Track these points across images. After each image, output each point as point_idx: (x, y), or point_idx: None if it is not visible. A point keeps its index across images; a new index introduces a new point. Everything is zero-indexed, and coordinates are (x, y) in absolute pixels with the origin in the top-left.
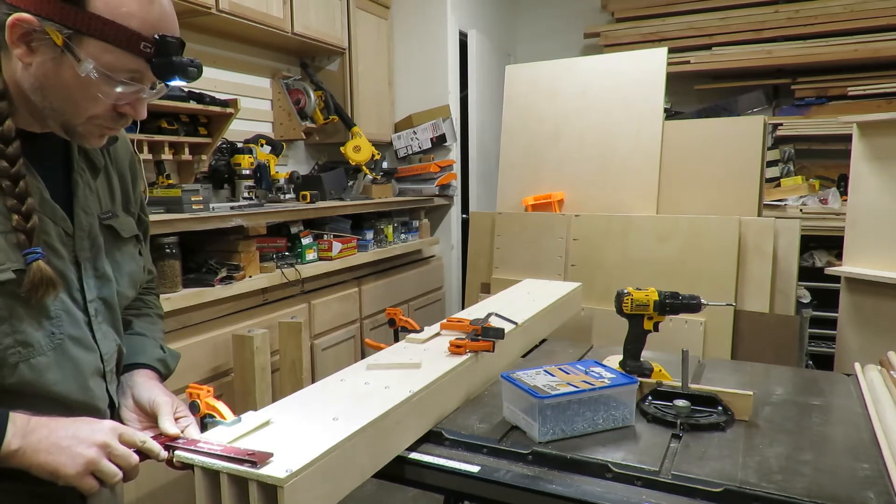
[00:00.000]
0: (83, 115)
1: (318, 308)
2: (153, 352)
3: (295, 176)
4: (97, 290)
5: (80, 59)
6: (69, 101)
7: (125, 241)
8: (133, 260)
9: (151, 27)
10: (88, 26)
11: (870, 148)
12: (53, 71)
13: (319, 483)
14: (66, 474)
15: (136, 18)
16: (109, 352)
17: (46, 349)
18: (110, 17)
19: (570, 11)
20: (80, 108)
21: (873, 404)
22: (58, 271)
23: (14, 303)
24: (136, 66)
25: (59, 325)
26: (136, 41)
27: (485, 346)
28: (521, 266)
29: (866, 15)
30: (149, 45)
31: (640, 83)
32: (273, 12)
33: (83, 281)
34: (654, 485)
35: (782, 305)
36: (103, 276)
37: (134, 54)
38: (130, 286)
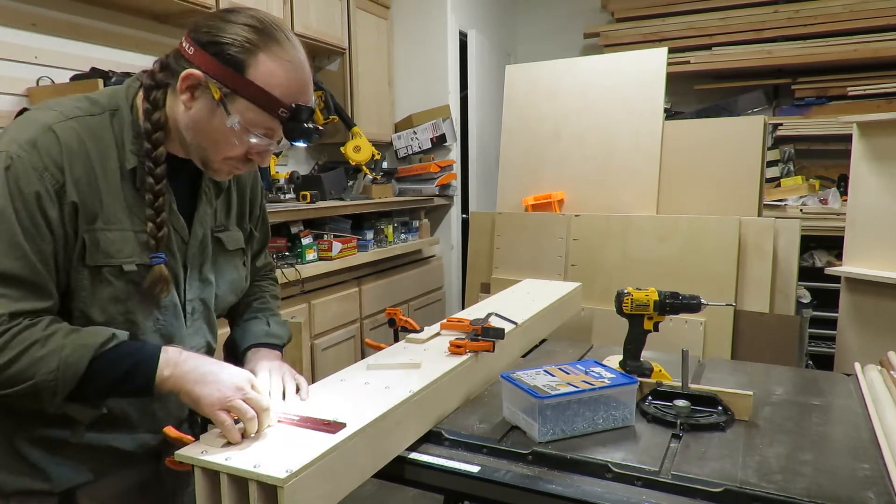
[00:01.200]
0: (220, 155)
1: (318, 308)
2: (259, 330)
3: (295, 176)
4: (198, 292)
5: (229, 112)
6: (212, 142)
7: (230, 252)
8: (235, 270)
9: (291, 97)
10: (242, 89)
11: (870, 148)
12: (206, 117)
13: (319, 483)
14: (206, 404)
15: (280, 88)
16: (196, 346)
17: (148, 332)
18: (261, 84)
19: (570, 11)
20: (219, 150)
21: (873, 404)
22: (171, 271)
23: (133, 289)
24: (272, 126)
25: (165, 314)
26: (277, 106)
27: (485, 346)
28: (521, 266)
29: (866, 15)
30: (286, 111)
31: (640, 83)
32: (273, 12)
33: (186, 282)
34: (654, 485)
35: (782, 305)
36: (206, 280)
37: (272, 116)
38: (231, 292)
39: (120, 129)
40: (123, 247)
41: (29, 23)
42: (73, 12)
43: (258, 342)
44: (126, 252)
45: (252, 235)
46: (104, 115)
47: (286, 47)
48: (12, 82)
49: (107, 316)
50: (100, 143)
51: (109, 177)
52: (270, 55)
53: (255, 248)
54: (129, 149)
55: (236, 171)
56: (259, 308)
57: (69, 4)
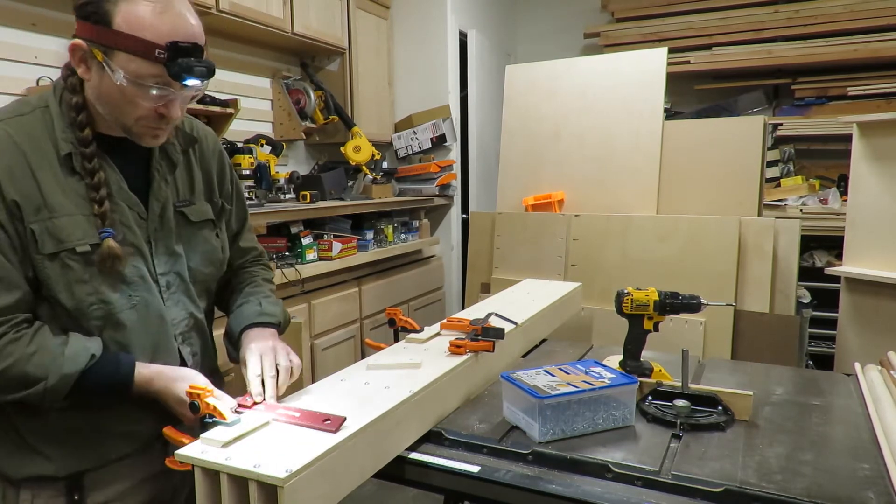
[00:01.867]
0: (130, 117)
1: (318, 308)
2: (250, 312)
3: (295, 176)
4: (169, 266)
5: (113, 69)
6: (116, 106)
7: (196, 224)
8: (206, 241)
9: (164, 35)
10: (114, 41)
11: (870, 148)
12: (101, 82)
13: (319, 483)
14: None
15: (149, 30)
16: (178, 318)
17: (124, 307)
18: (129, 31)
19: (570, 11)
20: (126, 112)
21: (873, 404)
22: (133, 246)
23: (93, 269)
24: (156, 72)
25: (135, 289)
26: (151, 49)
27: (485, 346)
28: (521, 266)
29: (866, 15)
30: (162, 51)
31: (640, 83)
32: (273, 12)
33: (154, 256)
34: (654, 485)
35: (782, 305)
36: (173, 253)
37: (151, 61)
38: (206, 264)
39: (50, 121)
40: (74, 230)
41: (29, 23)
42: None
43: (250, 323)
44: (78, 235)
45: (224, 209)
46: (34, 112)
47: None
48: (12, 82)
49: (77, 299)
50: (32, 138)
51: (46, 168)
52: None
53: (235, 226)
54: (61, 137)
55: (159, 132)
56: (251, 292)
57: (69, 4)
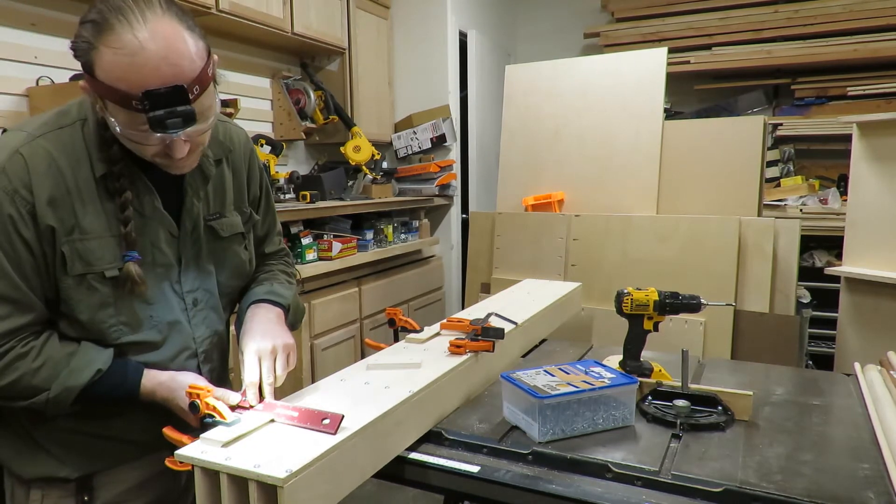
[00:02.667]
0: (146, 156)
1: (318, 308)
2: (259, 291)
3: (295, 176)
4: (198, 283)
5: (109, 117)
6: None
7: (225, 239)
8: (236, 255)
9: (137, 85)
10: (99, 91)
11: (870, 148)
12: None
13: (319, 483)
14: None
15: (124, 81)
16: (202, 336)
17: (145, 328)
18: (108, 82)
19: (570, 11)
20: (140, 151)
21: (873, 404)
22: (163, 266)
23: (119, 292)
24: (140, 121)
25: (157, 310)
26: (129, 100)
27: (485, 346)
28: (521, 266)
29: (866, 15)
30: (138, 102)
31: (640, 83)
32: (273, 12)
33: (182, 275)
34: (654, 485)
35: (782, 305)
36: (204, 270)
37: (131, 110)
38: (235, 277)
39: (90, 137)
40: (104, 254)
41: (29, 23)
42: (73, 12)
43: (257, 299)
44: (107, 259)
45: (252, 218)
46: (75, 125)
47: (121, 32)
48: (12, 82)
49: (96, 321)
50: (71, 155)
51: (82, 187)
52: (108, 48)
53: (261, 232)
54: (97, 157)
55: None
56: (265, 278)
57: (69, 4)
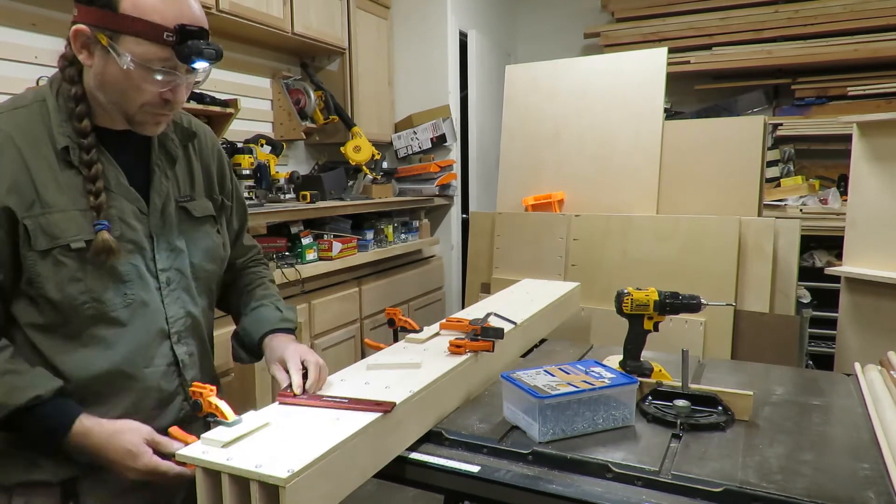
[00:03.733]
0: (135, 104)
1: (318, 308)
2: (273, 317)
3: (295, 176)
4: (170, 262)
5: (119, 54)
6: (120, 92)
7: (199, 220)
8: (208, 237)
9: (172, 19)
10: (122, 25)
11: (870, 148)
12: (105, 68)
13: (320, 483)
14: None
15: (157, 13)
16: (176, 316)
17: (118, 306)
18: (137, 14)
19: (570, 11)
20: (130, 99)
21: (873, 404)
22: (133, 242)
23: (88, 266)
24: (164, 55)
25: (131, 287)
26: (160, 32)
27: (484, 345)
28: (521, 266)
29: (866, 15)
30: (171, 34)
31: (640, 83)
32: (273, 12)
33: (155, 252)
34: (654, 485)
35: (782, 305)
36: (175, 248)
37: (159, 44)
38: (208, 260)
39: (47, 115)
40: (68, 226)
41: (29, 23)
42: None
43: (274, 328)
44: (72, 231)
45: (224, 206)
46: (31, 105)
47: None
48: (12, 82)
49: (67, 297)
50: (27, 132)
51: (41, 162)
52: None
53: (236, 225)
54: (58, 131)
55: (161, 119)
56: (264, 294)
57: (69, 4)
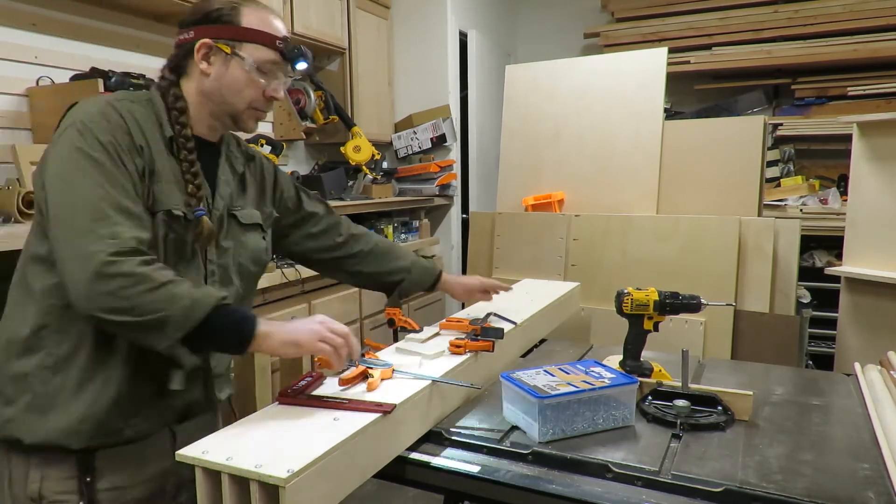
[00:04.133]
0: (245, 101)
1: (318, 308)
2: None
3: (295, 176)
4: (216, 257)
5: (243, 58)
6: (236, 91)
7: (246, 227)
8: (255, 242)
9: (280, 32)
10: (244, 36)
11: (870, 148)
12: (225, 72)
13: (320, 483)
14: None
15: (269, 27)
16: None
17: None
18: (256, 27)
19: (570, 11)
20: (243, 97)
21: (873, 404)
22: None
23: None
24: (276, 58)
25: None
26: (274, 40)
27: (484, 345)
28: (521, 266)
29: (866, 15)
30: (281, 42)
31: (640, 83)
32: None
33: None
34: (654, 485)
35: (782, 305)
36: (222, 248)
37: (273, 50)
38: (253, 262)
39: (156, 109)
40: (171, 196)
41: (29, 23)
42: (73, 12)
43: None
44: (174, 200)
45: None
46: (142, 101)
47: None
48: (12, 82)
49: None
50: (145, 118)
51: (154, 143)
52: (252, 7)
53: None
54: (166, 122)
55: (261, 116)
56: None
57: (69, 4)
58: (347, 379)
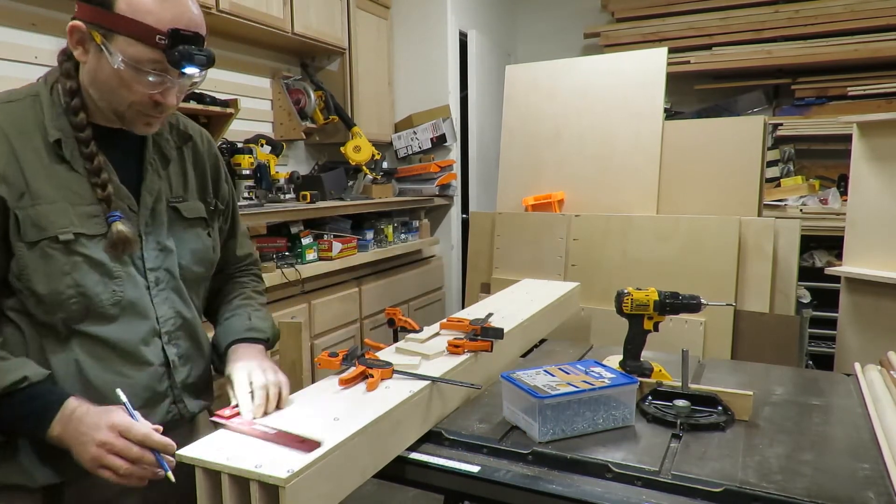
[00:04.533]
0: (124, 102)
1: (318, 308)
2: (238, 326)
3: (295, 176)
4: (159, 261)
5: (111, 52)
6: (110, 90)
7: (189, 221)
8: (198, 239)
9: (166, 22)
10: (115, 25)
11: (870, 148)
12: (98, 65)
13: (320, 483)
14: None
15: (152, 15)
16: (166, 316)
17: (107, 302)
18: (131, 15)
19: (570, 11)
20: (120, 97)
21: (873, 404)
22: None
23: (76, 259)
24: (156, 57)
25: (119, 284)
26: (152, 34)
27: (483, 345)
28: (521, 266)
29: (866, 15)
30: (163, 37)
31: (640, 83)
32: (273, 12)
33: (144, 251)
34: (654, 485)
35: (782, 305)
36: (164, 248)
37: (151, 46)
38: (198, 263)
39: (40, 109)
40: (56, 218)
41: (29, 23)
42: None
43: (238, 338)
44: (61, 223)
45: (217, 210)
46: (24, 100)
47: None
48: (12, 82)
49: (53, 290)
50: (19, 125)
51: (31, 155)
52: None
53: (227, 231)
54: (51, 125)
55: (152, 120)
56: (240, 304)
57: (69, 4)
58: (347, 379)
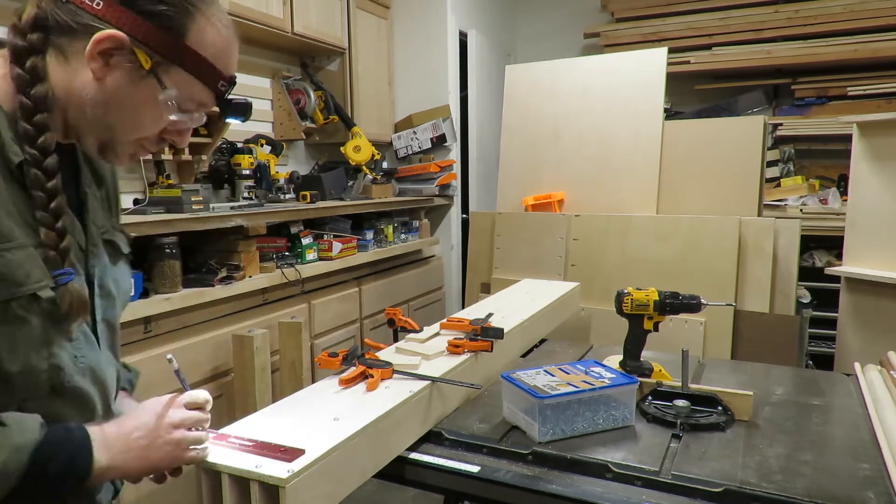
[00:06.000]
0: (135, 134)
1: (318, 308)
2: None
3: (295, 176)
4: (103, 310)
5: (165, 85)
6: (131, 120)
7: (123, 257)
8: (127, 278)
9: (229, 67)
10: (182, 57)
11: (870, 148)
12: (128, 90)
13: (320, 483)
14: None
15: (221, 60)
16: (112, 378)
17: (73, 373)
18: (202, 52)
19: (570, 11)
20: (138, 128)
21: (873, 404)
22: None
23: (49, 324)
24: (207, 100)
25: (78, 348)
26: (217, 79)
27: (482, 345)
28: (521, 266)
29: (866, 15)
30: (225, 84)
31: (640, 83)
32: (273, 12)
33: (94, 300)
34: (654, 485)
35: (782, 305)
36: (108, 294)
37: (211, 90)
38: (122, 306)
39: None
40: (31, 269)
41: None
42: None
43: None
44: (36, 275)
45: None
46: None
47: (221, 8)
48: None
49: (28, 368)
50: None
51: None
52: (210, 18)
53: None
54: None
55: (141, 155)
56: None
57: None
58: (347, 379)
